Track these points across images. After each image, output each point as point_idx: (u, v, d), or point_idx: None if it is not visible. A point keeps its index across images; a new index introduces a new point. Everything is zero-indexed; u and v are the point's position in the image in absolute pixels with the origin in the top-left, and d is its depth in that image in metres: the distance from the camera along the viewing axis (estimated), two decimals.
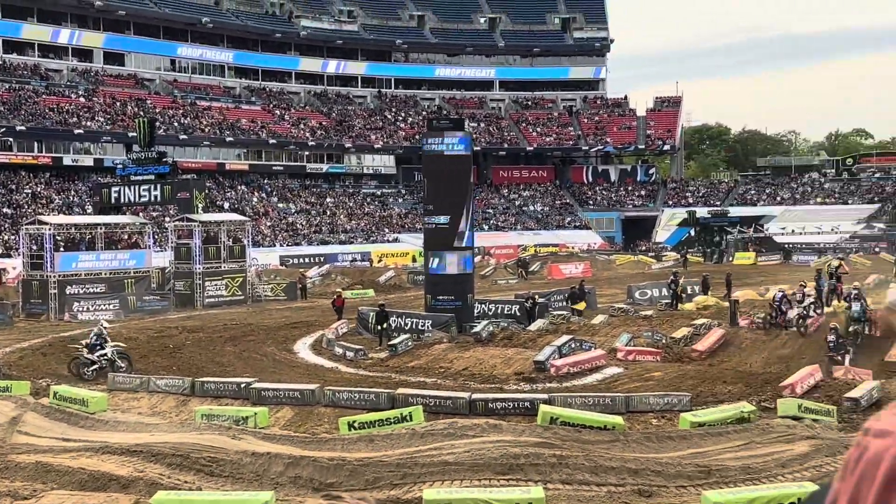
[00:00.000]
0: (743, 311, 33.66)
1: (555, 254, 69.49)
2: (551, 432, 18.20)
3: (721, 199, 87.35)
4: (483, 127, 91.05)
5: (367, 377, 26.18)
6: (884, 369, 24.90)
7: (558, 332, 30.48)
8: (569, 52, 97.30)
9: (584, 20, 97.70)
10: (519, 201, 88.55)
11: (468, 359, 27.70)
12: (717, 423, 19.00)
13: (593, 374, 25.52)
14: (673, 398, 21.55)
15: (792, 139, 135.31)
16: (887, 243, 64.41)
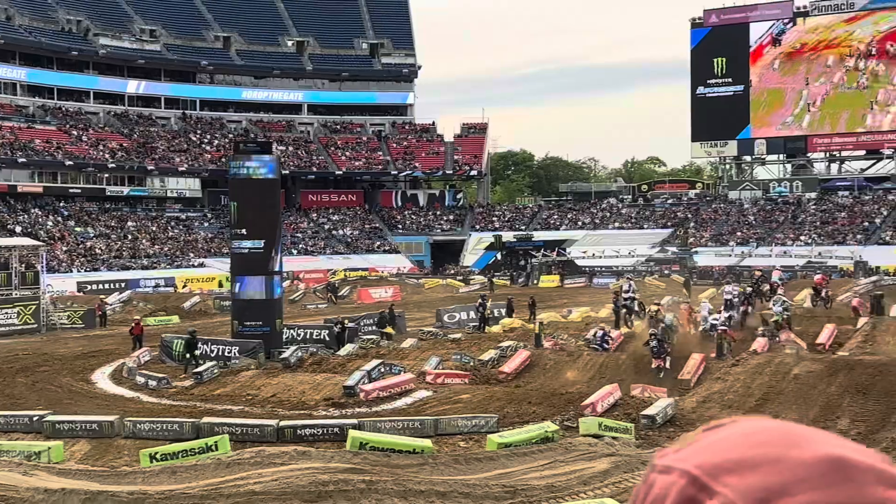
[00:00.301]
0: (547, 333, 34.60)
1: (364, 278, 69.47)
2: (361, 458, 18.08)
3: (526, 223, 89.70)
4: (291, 150, 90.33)
5: (170, 407, 25.35)
6: (677, 387, 26.05)
7: (368, 357, 30.41)
8: (377, 77, 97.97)
9: (391, 46, 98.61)
10: (328, 225, 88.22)
11: (276, 385, 27.27)
12: (523, 443, 19.36)
13: (403, 398, 25.58)
14: (480, 420, 21.85)
15: (592, 166, 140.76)
16: (679, 266, 67.67)
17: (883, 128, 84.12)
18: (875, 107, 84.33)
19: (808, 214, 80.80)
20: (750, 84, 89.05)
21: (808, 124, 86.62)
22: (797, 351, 29.14)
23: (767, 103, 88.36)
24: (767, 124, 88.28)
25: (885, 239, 73.49)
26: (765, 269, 55.81)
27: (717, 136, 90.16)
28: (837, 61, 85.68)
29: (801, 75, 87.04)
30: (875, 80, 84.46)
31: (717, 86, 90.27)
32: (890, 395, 22.54)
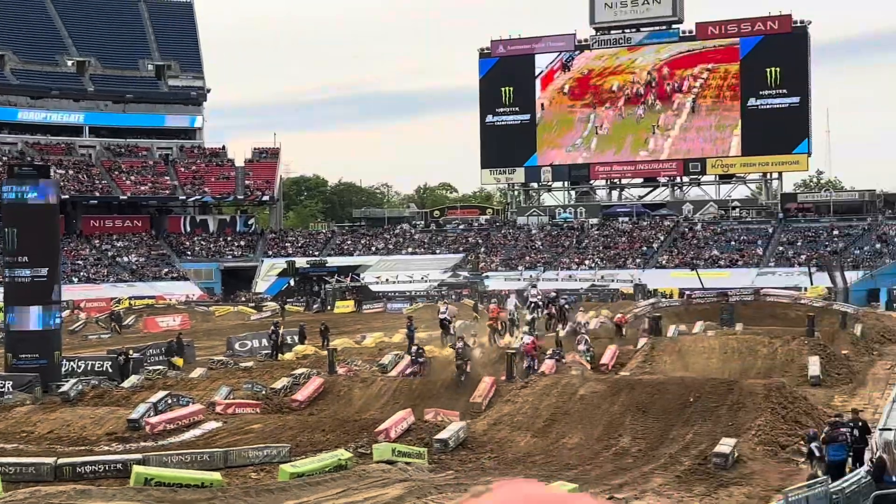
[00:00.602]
0: (340, 360, 34.40)
1: (151, 306, 67.14)
2: (145, 494, 17.32)
3: (319, 249, 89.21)
4: (72, 174, 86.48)
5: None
6: (469, 410, 26.39)
7: (154, 388, 29.33)
8: (164, 100, 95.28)
9: (179, 68, 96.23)
10: (112, 252, 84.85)
11: (54, 421, 25.85)
12: (316, 472, 19.07)
13: (191, 430, 24.76)
14: (272, 450, 21.41)
15: (385, 192, 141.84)
16: (470, 290, 68.90)
17: (664, 152, 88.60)
18: (657, 131, 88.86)
19: (591, 239, 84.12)
20: (536, 114, 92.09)
21: (596, 146, 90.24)
22: (582, 372, 30.16)
23: (558, 126, 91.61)
24: (559, 146, 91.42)
25: (662, 263, 77.40)
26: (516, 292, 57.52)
27: (506, 164, 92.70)
28: (622, 87, 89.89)
29: (589, 100, 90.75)
30: (653, 108, 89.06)
31: (505, 114, 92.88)
32: (668, 413, 23.61)
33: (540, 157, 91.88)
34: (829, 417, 20.21)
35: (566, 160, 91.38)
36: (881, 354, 37.31)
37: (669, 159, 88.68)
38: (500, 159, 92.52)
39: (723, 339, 35.78)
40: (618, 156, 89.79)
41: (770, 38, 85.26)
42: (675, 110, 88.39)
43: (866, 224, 78.13)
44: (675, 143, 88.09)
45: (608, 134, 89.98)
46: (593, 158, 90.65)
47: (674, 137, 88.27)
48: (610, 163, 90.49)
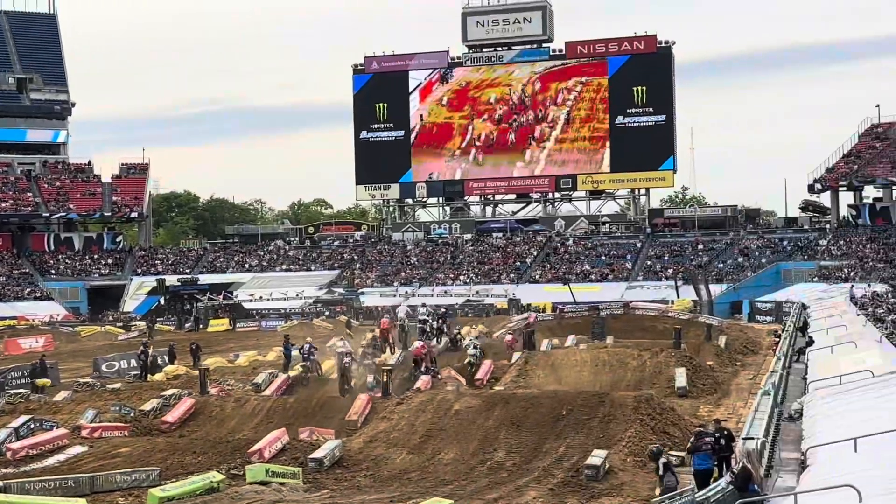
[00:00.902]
0: (213, 379, 33.79)
1: (12, 327, 64.70)
2: None
3: (191, 266, 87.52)
4: None
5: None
6: (345, 428, 26.23)
7: (16, 413, 28.25)
8: (25, 114, 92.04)
9: (41, 81, 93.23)
10: None
11: None
12: (186, 495, 18.66)
13: (55, 455, 23.94)
14: (141, 474, 20.87)
15: (259, 208, 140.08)
16: (346, 307, 68.61)
17: (540, 164, 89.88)
18: (532, 142, 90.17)
19: (466, 255, 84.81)
20: (411, 130, 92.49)
21: (473, 158, 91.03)
22: (457, 387, 30.36)
23: (437, 137, 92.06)
24: (438, 157, 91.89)
25: (535, 277, 78.56)
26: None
27: (381, 180, 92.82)
28: (499, 98, 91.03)
29: (467, 111, 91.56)
30: (529, 119, 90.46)
31: (379, 130, 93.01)
32: (542, 426, 23.93)
33: (416, 172, 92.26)
34: (695, 427, 20.78)
35: (445, 171, 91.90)
36: (744, 365, 38.67)
37: (542, 175, 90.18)
38: (375, 175, 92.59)
39: (594, 352, 36.50)
40: (496, 169, 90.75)
41: (636, 57, 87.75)
42: (549, 122, 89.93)
43: (729, 238, 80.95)
44: (551, 155, 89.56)
45: (485, 144, 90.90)
46: (471, 169, 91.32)
47: (549, 149, 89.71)
48: (484, 179, 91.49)
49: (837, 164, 79.82)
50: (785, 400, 24.86)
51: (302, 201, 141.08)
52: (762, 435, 17.83)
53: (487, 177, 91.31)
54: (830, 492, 12.89)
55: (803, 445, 18.33)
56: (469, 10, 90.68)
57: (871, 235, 74.41)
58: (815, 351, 33.71)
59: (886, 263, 66.44)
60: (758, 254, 76.68)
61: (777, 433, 20.38)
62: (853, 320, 40.80)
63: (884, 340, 30.82)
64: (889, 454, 14.95)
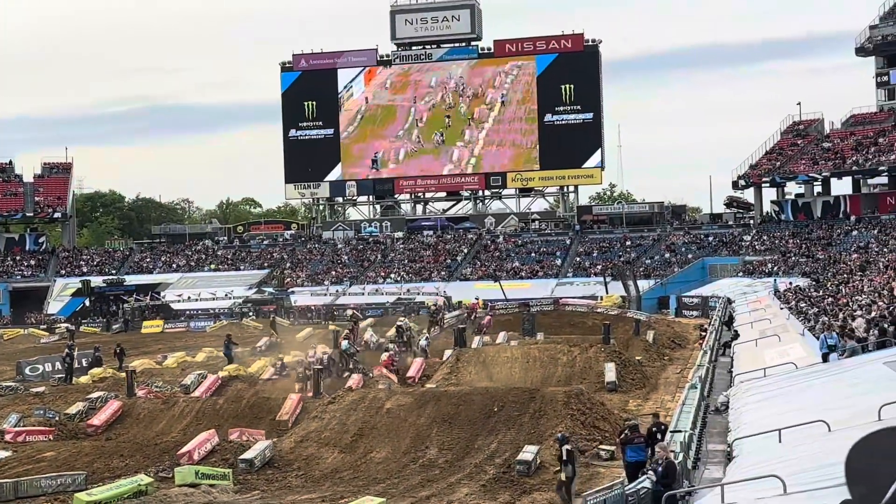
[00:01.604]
0: (140, 381, 33.31)
1: None
2: None
3: (117, 267, 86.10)
4: None
5: None
6: (275, 428, 26.04)
7: None
8: None
9: None
10: None
11: None
12: (114, 499, 18.38)
13: None
14: (67, 478, 20.49)
15: (186, 207, 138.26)
16: (276, 306, 68.06)
17: (478, 145, 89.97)
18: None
19: (396, 253, 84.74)
20: (340, 128, 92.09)
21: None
22: (389, 385, 30.34)
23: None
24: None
25: (466, 275, 78.81)
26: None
27: (311, 178, 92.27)
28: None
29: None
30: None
31: (308, 128, 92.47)
32: (473, 423, 24.02)
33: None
34: (626, 421, 21.03)
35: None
36: (672, 359, 39.25)
37: (472, 173, 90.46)
38: (305, 174, 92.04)
39: (525, 348, 36.73)
40: (436, 156, 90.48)
41: (564, 55, 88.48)
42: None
43: (656, 235, 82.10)
44: (485, 145, 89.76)
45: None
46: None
47: (485, 134, 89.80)
48: (414, 177, 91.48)
49: (760, 160, 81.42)
50: (711, 393, 25.30)
51: (230, 200, 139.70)
52: (689, 427, 18.11)
53: (417, 174, 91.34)
54: (756, 482, 13.13)
55: (729, 437, 18.66)
56: (397, 8, 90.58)
57: (794, 231, 76.05)
58: (741, 344, 34.36)
59: (808, 258, 67.96)
60: (684, 249, 77.90)
61: (704, 426, 20.74)
62: (777, 314, 41.68)
63: (806, 333, 31.51)
64: (812, 444, 15.28)
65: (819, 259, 65.56)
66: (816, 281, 52.91)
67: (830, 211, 77.48)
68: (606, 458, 21.65)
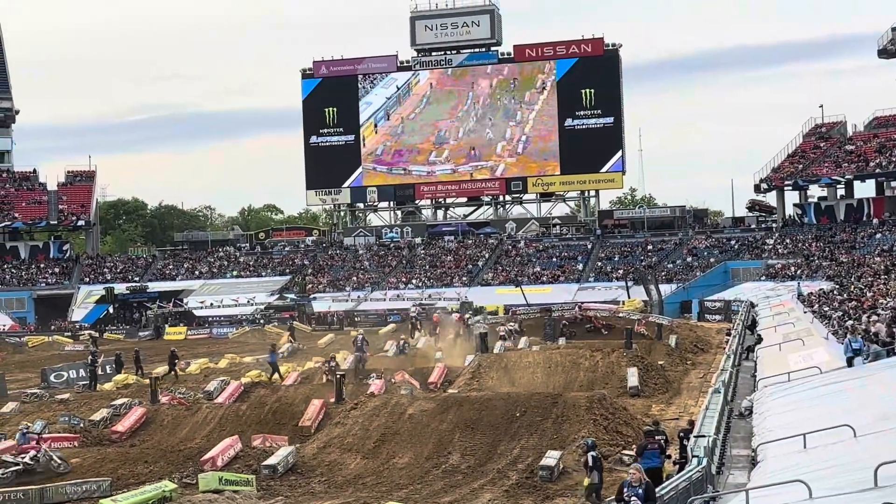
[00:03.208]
0: (164, 388, 33.48)
1: None
2: None
3: (140, 274, 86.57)
4: None
5: None
6: (298, 434, 26.10)
7: None
8: None
9: None
10: None
11: None
12: None
13: (3, 468, 23.50)
14: (92, 485, 20.62)
15: (208, 214, 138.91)
16: (298, 312, 68.25)
17: (498, 168, 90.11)
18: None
19: (418, 258, 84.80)
20: (361, 133, 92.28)
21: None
22: (411, 391, 30.34)
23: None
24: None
25: (487, 280, 78.75)
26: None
27: (332, 184, 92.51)
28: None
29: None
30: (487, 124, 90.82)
31: (329, 135, 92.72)
32: (495, 428, 23.99)
33: (367, 174, 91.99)
34: (645, 426, 20.97)
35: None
36: (694, 364, 39.08)
37: (493, 178, 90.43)
38: (326, 180, 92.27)
39: (547, 353, 36.65)
40: (457, 172, 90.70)
41: (584, 60, 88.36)
42: (501, 127, 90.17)
43: (678, 239, 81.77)
44: (505, 159, 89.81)
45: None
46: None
47: (503, 152, 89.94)
48: (434, 182, 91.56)
49: (783, 163, 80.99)
50: (735, 397, 25.16)
51: (252, 207, 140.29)
52: (713, 432, 18.03)
53: (438, 180, 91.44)
54: (781, 487, 13.05)
55: (754, 442, 18.55)
56: (417, 14, 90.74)
57: (817, 234, 75.59)
58: (764, 348, 34.14)
59: (832, 261, 67.49)
60: (706, 253, 77.56)
61: (728, 430, 20.63)
62: (801, 318, 41.38)
63: (830, 337, 31.27)
64: (838, 449, 15.18)
65: (843, 262, 65.07)
66: (840, 284, 52.53)
67: (854, 214, 76.98)
68: (629, 464, 21.56)
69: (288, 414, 28.08)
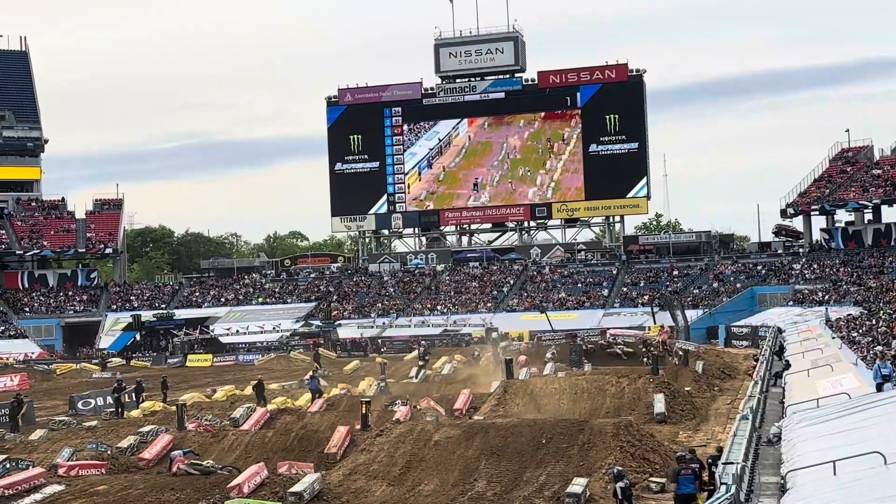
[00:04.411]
0: (191, 415, 33.55)
1: None
2: None
3: (166, 301, 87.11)
4: None
5: None
6: (324, 461, 26.09)
7: None
8: None
9: (14, 118, 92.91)
10: None
11: None
12: None
13: (32, 495, 23.64)
14: None
15: (234, 241, 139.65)
16: (323, 339, 68.36)
17: (525, 196, 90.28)
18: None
19: (443, 285, 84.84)
20: (387, 160, 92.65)
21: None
22: (437, 418, 30.28)
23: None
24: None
25: (512, 306, 78.64)
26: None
27: (357, 211, 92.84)
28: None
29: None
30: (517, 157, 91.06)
31: (354, 162, 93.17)
32: (521, 455, 23.88)
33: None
34: (675, 453, 20.82)
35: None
36: (721, 390, 38.79)
37: (517, 204, 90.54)
38: (351, 207, 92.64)
39: (572, 379, 36.48)
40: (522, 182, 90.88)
41: (608, 86, 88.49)
42: (531, 154, 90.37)
43: (703, 264, 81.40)
44: (531, 185, 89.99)
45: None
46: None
47: (534, 180, 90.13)
48: (459, 209, 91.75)
49: (809, 188, 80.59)
50: (763, 424, 24.96)
51: (277, 234, 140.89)
52: (741, 459, 17.89)
53: (462, 206, 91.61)
54: None
55: (783, 469, 18.40)
56: (441, 42, 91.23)
57: (844, 259, 75.05)
58: (792, 374, 33.89)
59: (859, 286, 66.97)
60: (732, 279, 77.14)
61: (756, 457, 20.45)
62: (829, 343, 41.07)
63: (859, 363, 31.04)
64: (868, 477, 15.03)
65: (871, 287, 64.53)
66: (868, 310, 52.11)
67: (882, 238, 76.43)
68: (657, 491, 21.42)
69: (314, 441, 28.08)
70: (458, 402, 34.66)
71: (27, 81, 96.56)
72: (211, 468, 24.88)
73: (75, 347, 77.73)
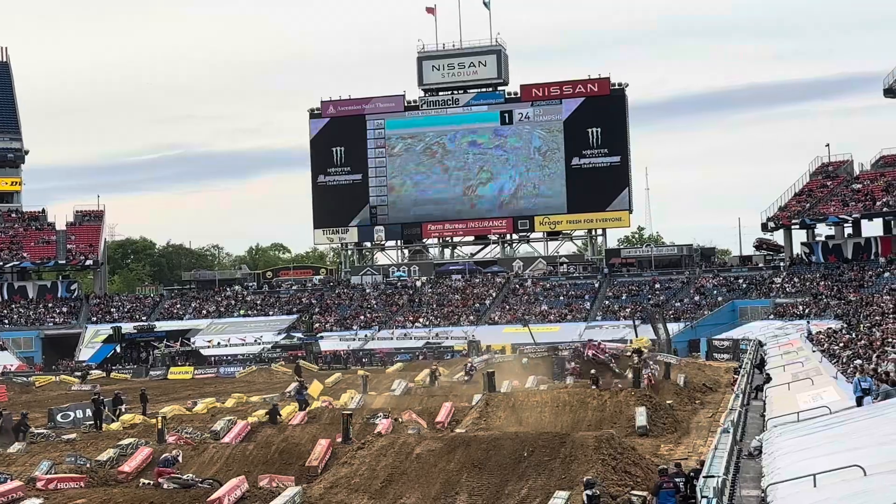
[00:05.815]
0: (171, 427, 33.38)
1: None
2: None
3: (147, 313, 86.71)
4: None
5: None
6: (305, 474, 25.97)
7: None
8: None
9: None
10: None
11: None
12: None
13: None
14: None
15: (216, 253, 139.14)
16: (305, 351, 68.16)
17: (503, 207, 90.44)
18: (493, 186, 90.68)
19: (425, 297, 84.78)
20: (368, 172, 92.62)
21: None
22: (418, 430, 30.20)
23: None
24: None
25: (495, 319, 78.68)
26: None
27: (339, 223, 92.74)
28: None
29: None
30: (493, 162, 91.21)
31: (337, 174, 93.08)
32: (503, 468, 23.83)
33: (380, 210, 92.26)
34: (657, 466, 20.83)
35: (395, 223, 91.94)
36: (703, 403, 38.85)
37: (499, 217, 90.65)
38: (333, 219, 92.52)
39: (554, 392, 36.46)
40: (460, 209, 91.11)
41: (590, 99, 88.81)
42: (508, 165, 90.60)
43: (685, 277, 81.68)
44: (511, 199, 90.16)
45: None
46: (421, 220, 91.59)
47: (510, 190, 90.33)
48: (441, 221, 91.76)
49: (790, 202, 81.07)
50: (744, 437, 25.01)
51: (259, 246, 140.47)
52: (723, 472, 17.91)
53: (445, 219, 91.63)
54: None
55: (763, 482, 18.42)
56: (424, 55, 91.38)
57: (825, 272, 75.48)
58: (773, 388, 33.98)
59: (840, 300, 67.34)
60: (714, 292, 77.44)
61: (737, 470, 20.48)
62: (809, 357, 41.22)
63: (840, 376, 31.15)
64: (848, 489, 15.07)
65: (851, 301, 64.92)
66: (848, 323, 52.38)
67: (861, 253, 76.94)
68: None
69: (295, 454, 27.95)
70: (440, 415, 34.60)
71: (8, 92, 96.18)
72: (191, 481, 24.71)
73: (54, 360, 77.22)
